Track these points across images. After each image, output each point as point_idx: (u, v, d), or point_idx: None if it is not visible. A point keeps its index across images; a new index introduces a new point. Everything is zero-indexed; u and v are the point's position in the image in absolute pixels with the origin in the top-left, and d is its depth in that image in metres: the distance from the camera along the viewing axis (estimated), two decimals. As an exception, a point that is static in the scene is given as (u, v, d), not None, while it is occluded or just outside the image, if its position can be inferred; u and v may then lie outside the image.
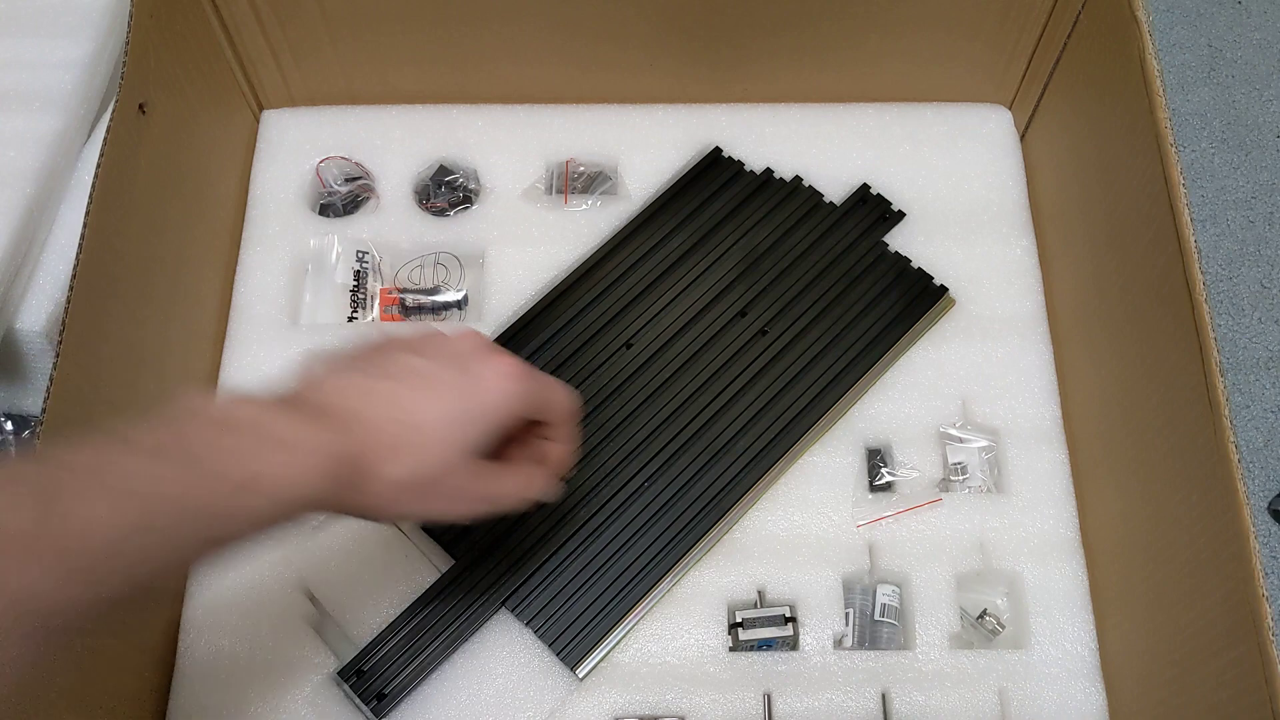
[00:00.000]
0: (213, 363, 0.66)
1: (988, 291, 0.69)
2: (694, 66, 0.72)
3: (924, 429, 0.65)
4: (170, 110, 0.61)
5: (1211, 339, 0.50)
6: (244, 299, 0.68)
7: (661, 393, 0.64)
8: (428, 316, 0.69)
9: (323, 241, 0.70)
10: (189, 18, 0.64)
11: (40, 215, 0.62)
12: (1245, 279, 1.19)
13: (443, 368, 0.42)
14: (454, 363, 0.42)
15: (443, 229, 0.70)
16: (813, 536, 0.61)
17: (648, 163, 0.72)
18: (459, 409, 0.41)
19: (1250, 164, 1.25)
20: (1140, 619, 0.56)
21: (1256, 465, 1.09)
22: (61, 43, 0.66)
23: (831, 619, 0.59)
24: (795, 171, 0.72)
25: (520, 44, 0.70)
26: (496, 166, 0.72)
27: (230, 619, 0.59)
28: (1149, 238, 0.56)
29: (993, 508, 0.62)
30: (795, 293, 0.67)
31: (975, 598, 0.62)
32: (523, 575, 0.60)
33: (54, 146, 0.63)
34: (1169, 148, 0.54)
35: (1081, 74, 0.66)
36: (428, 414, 0.40)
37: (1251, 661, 0.46)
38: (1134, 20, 0.58)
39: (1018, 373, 0.66)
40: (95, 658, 0.51)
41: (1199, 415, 0.50)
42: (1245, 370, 1.13)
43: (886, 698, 0.58)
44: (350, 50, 0.71)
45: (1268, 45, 1.33)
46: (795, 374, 0.65)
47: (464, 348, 0.43)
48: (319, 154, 0.72)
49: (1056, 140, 0.70)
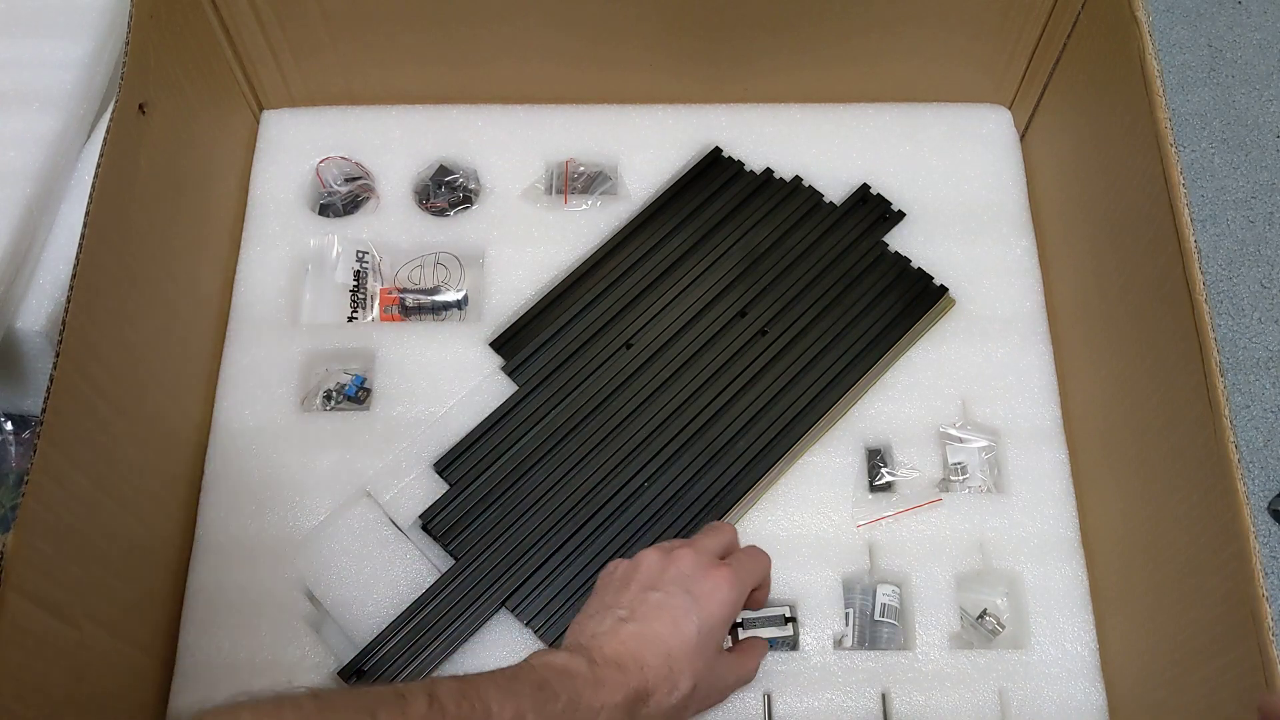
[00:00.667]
0: (213, 363, 0.66)
1: (988, 291, 0.69)
2: (694, 66, 0.72)
3: (924, 429, 0.65)
4: (170, 110, 0.61)
5: (1211, 339, 0.50)
6: (244, 299, 0.68)
7: (661, 393, 0.64)
8: (428, 316, 0.69)
9: (323, 241, 0.70)
10: (189, 18, 0.64)
11: (40, 215, 0.62)
12: (1245, 279, 1.19)
13: (675, 596, 0.51)
14: (682, 588, 0.51)
15: (443, 229, 0.70)
16: (813, 536, 0.61)
17: (648, 163, 0.72)
18: (696, 631, 0.50)
19: (1250, 164, 1.25)
20: (1140, 619, 0.56)
21: (1256, 465, 1.09)
22: (61, 43, 0.66)
23: (831, 619, 0.59)
24: (795, 171, 0.72)
25: (520, 44, 0.70)
26: (496, 166, 0.72)
27: (230, 619, 0.59)
28: (1149, 238, 0.56)
29: (993, 508, 0.62)
30: (795, 293, 0.67)
31: (975, 598, 0.62)
32: (523, 575, 0.60)
33: (54, 146, 0.63)
34: (1169, 148, 0.54)
35: (1081, 74, 0.66)
36: (682, 646, 0.50)
37: (1251, 661, 0.46)
38: (1134, 20, 0.58)
39: (1018, 373, 0.66)
40: (95, 658, 0.51)
41: (1199, 415, 0.50)
42: (1245, 370, 1.13)
43: (886, 698, 0.58)
44: (350, 50, 0.71)
45: (1268, 45, 1.33)
46: (795, 374, 0.65)
47: (686, 569, 0.52)
48: (319, 154, 0.72)
49: (1056, 140, 0.70)
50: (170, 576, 0.60)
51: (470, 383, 0.65)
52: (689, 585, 0.51)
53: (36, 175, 0.62)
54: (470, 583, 0.59)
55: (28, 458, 0.47)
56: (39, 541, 0.46)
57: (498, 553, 0.60)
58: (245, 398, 0.65)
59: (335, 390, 0.66)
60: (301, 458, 0.63)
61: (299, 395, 0.65)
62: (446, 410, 0.64)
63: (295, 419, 0.64)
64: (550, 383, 0.65)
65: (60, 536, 0.48)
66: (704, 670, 0.51)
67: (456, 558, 0.60)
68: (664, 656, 0.49)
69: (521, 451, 0.63)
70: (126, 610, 0.54)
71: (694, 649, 0.50)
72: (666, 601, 0.51)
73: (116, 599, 0.53)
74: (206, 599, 0.60)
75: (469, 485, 0.62)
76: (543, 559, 0.60)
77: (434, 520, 0.61)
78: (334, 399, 0.66)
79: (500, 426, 0.63)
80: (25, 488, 0.45)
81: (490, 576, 0.59)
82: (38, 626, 0.46)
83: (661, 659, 0.49)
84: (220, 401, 0.65)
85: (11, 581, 0.43)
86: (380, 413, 0.64)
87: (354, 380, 0.66)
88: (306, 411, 0.65)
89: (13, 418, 0.67)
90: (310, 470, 0.63)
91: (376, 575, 0.60)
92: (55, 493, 0.47)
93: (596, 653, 0.48)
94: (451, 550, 0.60)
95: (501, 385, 0.65)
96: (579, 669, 0.47)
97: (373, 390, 0.65)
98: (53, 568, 0.47)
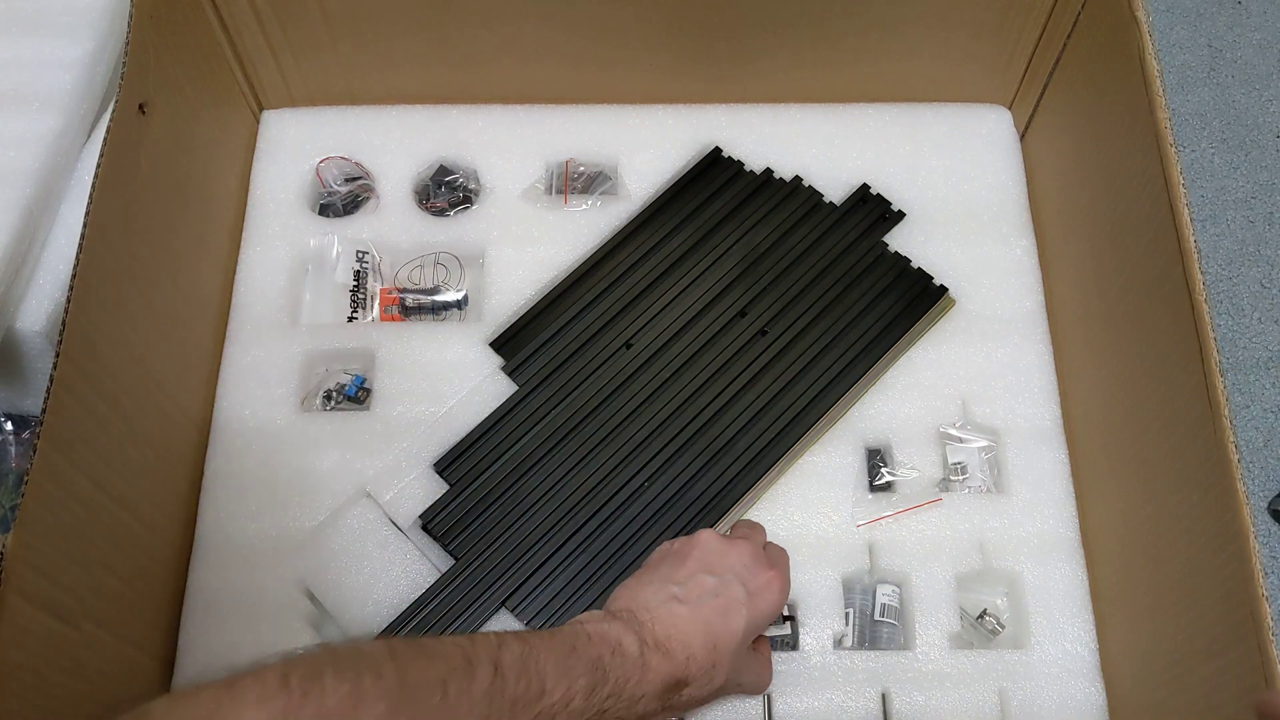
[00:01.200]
0: (213, 363, 0.66)
1: (988, 291, 0.69)
2: (694, 66, 0.72)
3: (924, 429, 0.65)
4: (170, 110, 0.61)
5: (1211, 339, 0.50)
6: (244, 299, 0.68)
7: (661, 393, 0.64)
8: (428, 316, 0.69)
9: (323, 241, 0.70)
10: (189, 18, 0.64)
11: (40, 215, 0.62)
12: (1245, 279, 1.19)
13: (731, 586, 0.50)
14: (739, 579, 0.51)
15: (443, 229, 0.70)
16: (813, 536, 0.61)
17: (648, 163, 0.72)
18: (744, 627, 0.50)
19: (1250, 164, 1.25)
20: (1140, 619, 0.56)
21: (1256, 465, 1.09)
22: (61, 43, 0.66)
23: (831, 619, 0.59)
24: (795, 171, 0.72)
25: (520, 44, 0.70)
26: (496, 166, 0.72)
27: (230, 619, 0.59)
28: (1149, 238, 0.56)
29: (993, 508, 0.62)
30: (795, 293, 0.67)
31: (975, 598, 0.62)
32: (523, 575, 0.60)
33: (54, 146, 0.63)
34: (1169, 148, 0.54)
35: (1081, 74, 0.66)
36: (729, 639, 0.49)
37: (1251, 661, 0.46)
38: (1134, 20, 0.58)
39: (1018, 373, 0.66)
40: (95, 658, 0.51)
41: (1199, 415, 0.50)
42: (1245, 370, 1.13)
43: (886, 698, 0.58)
44: (350, 50, 0.71)
45: (1268, 45, 1.33)
46: (795, 374, 0.65)
47: (745, 560, 0.52)
48: (319, 154, 0.72)
49: (1056, 140, 0.70)
50: (170, 576, 0.60)
51: (470, 383, 0.65)
52: (745, 578, 0.51)
53: (36, 175, 0.62)
54: (470, 583, 0.59)
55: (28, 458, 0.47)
56: (39, 541, 0.46)
57: (498, 553, 0.60)
58: (245, 398, 0.65)
59: (335, 390, 0.66)
60: (301, 458, 0.63)
61: (299, 395, 0.65)
62: (446, 410, 0.64)
63: (295, 419, 0.64)
64: (550, 383, 0.65)
65: (60, 536, 0.48)
66: (737, 667, 0.50)
67: (456, 558, 0.60)
68: (710, 648, 0.48)
69: (521, 451, 0.63)
70: (126, 610, 0.54)
71: (738, 644, 0.50)
72: (722, 590, 0.50)
73: (116, 599, 0.53)
74: (206, 599, 0.60)
75: (469, 485, 0.62)
76: (543, 559, 0.60)
77: (434, 520, 0.61)
78: (334, 399, 0.66)
79: (500, 426, 0.63)
80: (25, 488, 0.45)
81: (490, 576, 0.59)
82: (38, 626, 0.46)
83: (707, 650, 0.48)
84: (220, 401, 0.65)
85: (11, 582, 0.43)
86: (380, 413, 0.64)
87: (354, 380, 0.66)
88: (306, 411, 0.65)
89: (13, 418, 0.67)
90: (310, 470, 0.63)
91: (376, 575, 0.60)
92: (55, 493, 0.47)
93: (647, 630, 0.48)
94: (451, 550, 0.60)
95: (501, 385, 0.65)
96: (630, 648, 0.46)
97: (373, 390, 0.65)
98: (53, 568, 0.47)
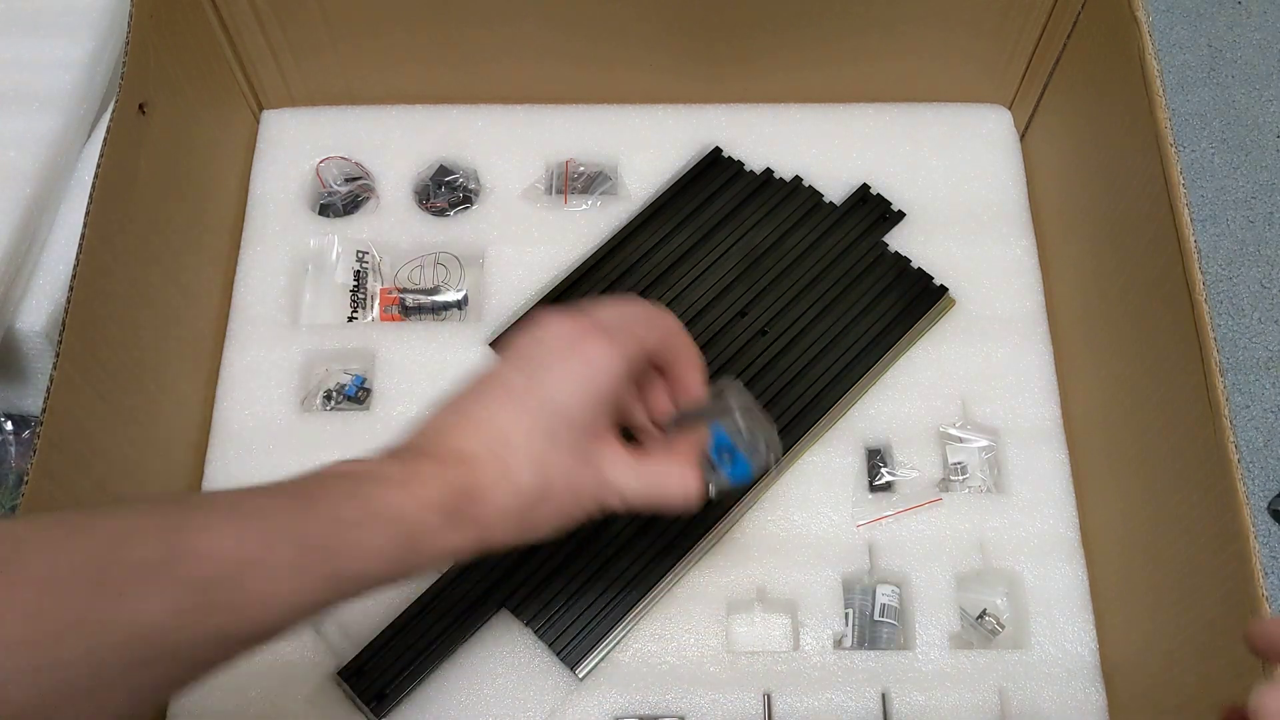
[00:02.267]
0: (213, 363, 0.66)
1: (988, 291, 0.69)
2: (694, 66, 0.72)
3: (924, 429, 0.65)
4: (170, 110, 0.61)
5: (1211, 339, 0.50)
6: (244, 299, 0.68)
7: (661, 393, 0.64)
8: (428, 316, 0.69)
9: (323, 241, 0.70)
10: (189, 18, 0.64)
11: (40, 215, 0.62)
12: (1245, 279, 1.19)
13: (514, 372, 0.41)
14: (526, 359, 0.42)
15: (443, 229, 0.70)
16: (813, 536, 0.61)
17: (648, 163, 0.72)
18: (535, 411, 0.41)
19: (1250, 164, 1.25)
20: (1140, 619, 0.56)
21: (1256, 465, 1.09)
22: (61, 43, 0.66)
23: (831, 619, 0.59)
24: (795, 171, 0.72)
25: (520, 44, 0.70)
26: (496, 166, 0.72)
27: (230, 619, 0.59)
28: (1149, 238, 0.56)
29: (993, 508, 0.62)
30: (795, 293, 0.67)
31: (975, 598, 0.62)
32: (522, 575, 0.60)
33: (54, 146, 0.63)
34: (1169, 148, 0.54)
35: (1081, 74, 0.66)
36: (515, 430, 0.40)
37: (1251, 661, 0.46)
38: (1134, 20, 0.58)
39: (1018, 373, 0.66)
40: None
41: (1199, 415, 0.50)
42: (1245, 370, 1.13)
43: (886, 698, 0.58)
44: (350, 50, 0.71)
45: (1268, 45, 1.33)
46: (795, 374, 0.65)
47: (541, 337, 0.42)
48: (319, 154, 0.72)
49: (1056, 140, 0.70)
50: (170, 576, 0.60)
51: (470, 383, 0.65)
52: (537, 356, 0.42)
53: (36, 175, 0.62)
54: (470, 583, 0.59)
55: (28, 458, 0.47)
56: (39, 541, 0.46)
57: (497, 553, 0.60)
58: (245, 398, 0.65)
59: (335, 390, 0.66)
60: (301, 458, 0.62)
61: (299, 395, 0.65)
62: (446, 410, 0.64)
63: (295, 419, 0.64)
64: (550, 383, 0.65)
65: (60, 536, 0.48)
66: (558, 464, 0.41)
67: (456, 558, 0.60)
68: (491, 445, 0.40)
69: (521, 451, 0.63)
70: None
71: (540, 435, 0.40)
72: (501, 378, 0.41)
73: (116, 599, 0.53)
74: (206, 599, 0.60)
75: (469, 485, 0.62)
76: (542, 559, 0.60)
77: (434, 520, 0.61)
78: (334, 399, 0.66)
79: (500, 426, 0.63)
80: (25, 488, 0.45)
81: (490, 577, 0.59)
82: (38, 626, 0.46)
83: (490, 451, 0.40)
84: (220, 401, 0.65)
85: (11, 581, 0.43)
86: (380, 413, 0.64)
87: (354, 380, 0.66)
88: (306, 411, 0.65)
89: (13, 418, 0.67)
90: (310, 470, 0.62)
91: (376, 575, 0.60)
92: (55, 493, 0.47)
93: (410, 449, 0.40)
94: (451, 550, 0.60)
95: (501, 385, 0.65)
96: (368, 470, 0.38)
97: (373, 390, 0.65)
98: (53, 568, 0.47)
